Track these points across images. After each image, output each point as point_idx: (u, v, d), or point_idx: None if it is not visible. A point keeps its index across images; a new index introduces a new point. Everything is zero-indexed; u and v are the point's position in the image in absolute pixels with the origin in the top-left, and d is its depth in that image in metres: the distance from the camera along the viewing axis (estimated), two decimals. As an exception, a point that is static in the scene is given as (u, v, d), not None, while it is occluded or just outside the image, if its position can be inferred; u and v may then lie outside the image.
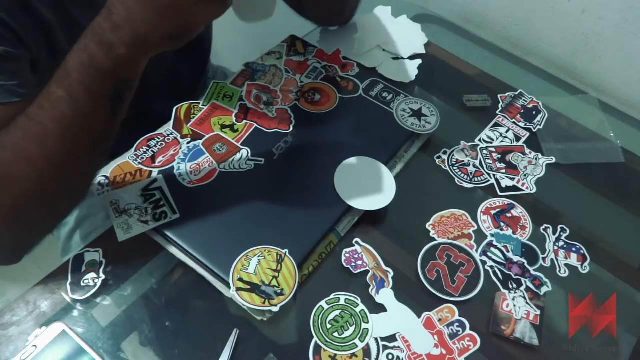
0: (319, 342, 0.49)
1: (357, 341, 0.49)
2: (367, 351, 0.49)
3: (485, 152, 0.68)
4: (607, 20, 0.79)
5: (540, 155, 0.68)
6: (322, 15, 0.79)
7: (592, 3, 0.79)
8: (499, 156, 0.68)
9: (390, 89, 0.72)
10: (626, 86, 0.82)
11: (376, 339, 0.50)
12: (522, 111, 0.74)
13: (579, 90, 0.79)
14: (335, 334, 0.50)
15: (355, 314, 0.51)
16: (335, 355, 0.48)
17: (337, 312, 0.51)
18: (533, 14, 0.87)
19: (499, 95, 0.75)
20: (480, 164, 0.66)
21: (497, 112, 0.73)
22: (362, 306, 0.52)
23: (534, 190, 0.64)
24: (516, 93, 0.76)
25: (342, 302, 0.52)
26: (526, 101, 0.75)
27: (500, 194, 0.63)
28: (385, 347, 0.49)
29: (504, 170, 0.66)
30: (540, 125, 0.72)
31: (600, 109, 0.76)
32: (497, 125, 0.72)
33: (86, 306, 0.51)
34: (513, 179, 0.65)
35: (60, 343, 0.47)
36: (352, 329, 0.50)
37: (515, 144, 0.70)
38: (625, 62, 0.81)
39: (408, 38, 0.82)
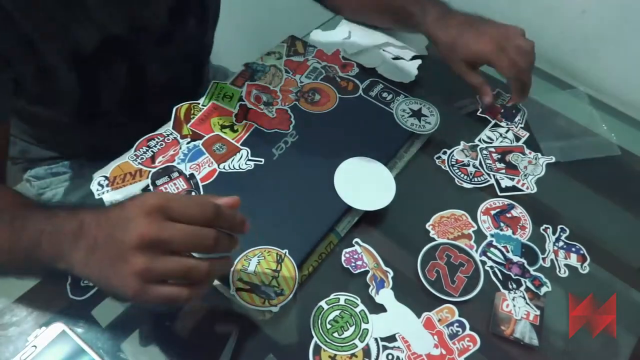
0: (318, 342, 0.49)
1: (357, 341, 0.49)
2: (367, 351, 0.49)
3: (485, 152, 0.68)
4: (607, 20, 0.79)
5: (540, 155, 0.68)
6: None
7: (592, 3, 0.79)
8: (499, 156, 0.68)
9: (390, 89, 0.72)
10: (626, 86, 0.82)
11: (376, 339, 0.50)
12: (502, 111, 0.74)
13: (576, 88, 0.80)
14: (335, 334, 0.50)
15: (355, 314, 0.51)
16: (335, 355, 0.48)
17: (337, 312, 0.51)
18: (533, 14, 0.87)
19: (477, 97, 0.75)
20: (480, 164, 0.66)
21: (478, 114, 0.73)
22: (361, 306, 0.52)
23: (535, 190, 0.64)
24: (494, 92, 0.76)
25: (341, 302, 0.52)
26: (504, 100, 0.75)
27: (500, 194, 0.63)
28: (385, 347, 0.49)
29: (503, 171, 0.66)
30: (521, 123, 0.72)
31: (589, 102, 0.77)
32: (497, 125, 0.72)
33: (86, 306, 0.51)
34: (513, 179, 0.65)
35: (60, 343, 0.47)
36: (352, 329, 0.50)
37: (515, 144, 0.70)
38: (625, 62, 0.81)
39: (408, 38, 0.82)
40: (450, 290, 0.54)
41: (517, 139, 0.70)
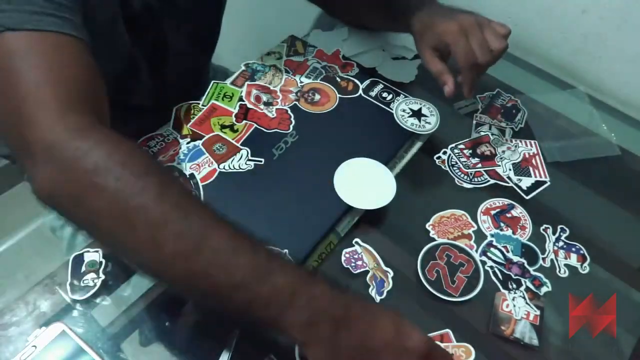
0: None
1: None
2: None
3: (456, 151, 0.68)
4: (607, 20, 0.79)
5: (519, 144, 0.69)
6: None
7: (592, 3, 0.79)
8: (470, 151, 0.68)
9: (390, 89, 0.72)
10: (626, 86, 0.82)
11: None
12: (502, 111, 0.74)
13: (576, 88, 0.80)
14: None
15: None
16: None
17: None
18: (533, 14, 0.87)
19: (477, 96, 0.75)
20: (455, 165, 0.66)
21: (478, 114, 0.73)
22: None
23: (548, 179, 0.65)
24: (494, 92, 0.76)
25: None
26: (504, 100, 0.75)
27: (527, 197, 0.63)
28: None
29: (480, 165, 0.66)
30: (521, 124, 0.72)
31: (589, 102, 0.77)
32: (479, 125, 0.72)
33: (86, 306, 0.51)
34: (527, 175, 0.65)
35: (60, 343, 0.47)
36: None
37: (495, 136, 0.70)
38: (625, 62, 0.81)
39: (407, 38, 0.82)
40: (450, 290, 0.54)
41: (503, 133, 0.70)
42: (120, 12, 0.56)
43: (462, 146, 0.68)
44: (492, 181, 0.65)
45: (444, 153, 0.68)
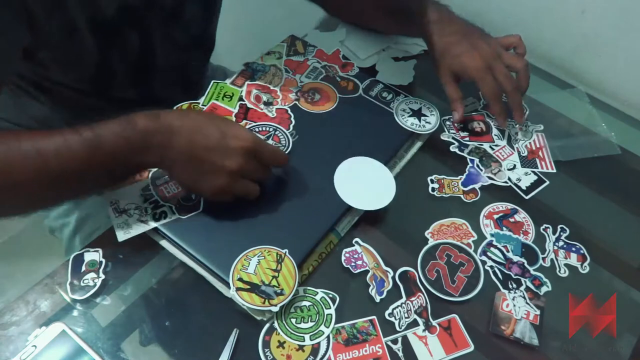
0: (275, 322, 0.49)
1: (307, 337, 0.49)
2: (315, 350, 0.49)
3: (448, 123, 0.70)
4: (607, 20, 0.79)
5: (529, 123, 0.71)
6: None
7: (592, 3, 0.79)
8: (461, 125, 0.70)
9: (390, 89, 0.72)
10: (626, 86, 0.82)
11: (328, 342, 0.49)
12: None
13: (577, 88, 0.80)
14: (293, 321, 0.50)
15: (321, 314, 0.51)
16: (285, 342, 0.49)
17: (307, 303, 0.51)
18: (533, 14, 0.87)
19: (480, 92, 0.75)
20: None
21: (479, 109, 0.73)
22: (332, 310, 0.51)
23: (555, 171, 0.66)
24: None
25: (317, 297, 0.52)
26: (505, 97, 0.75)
27: (527, 197, 0.63)
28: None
29: (467, 138, 0.68)
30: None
31: (589, 101, 0.77)
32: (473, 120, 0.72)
33: (86, 306, 0.51)
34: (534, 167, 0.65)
35: (60, 343, 0.47)
36: (310, 324, 0.50)
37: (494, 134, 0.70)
38: (625, 62, 0.81)
39: (407, 38, 0.82)
40: (450, 290, 0.54)
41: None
42: (84, 20, 0.56)
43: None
44: (510, 184, 0.64)
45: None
